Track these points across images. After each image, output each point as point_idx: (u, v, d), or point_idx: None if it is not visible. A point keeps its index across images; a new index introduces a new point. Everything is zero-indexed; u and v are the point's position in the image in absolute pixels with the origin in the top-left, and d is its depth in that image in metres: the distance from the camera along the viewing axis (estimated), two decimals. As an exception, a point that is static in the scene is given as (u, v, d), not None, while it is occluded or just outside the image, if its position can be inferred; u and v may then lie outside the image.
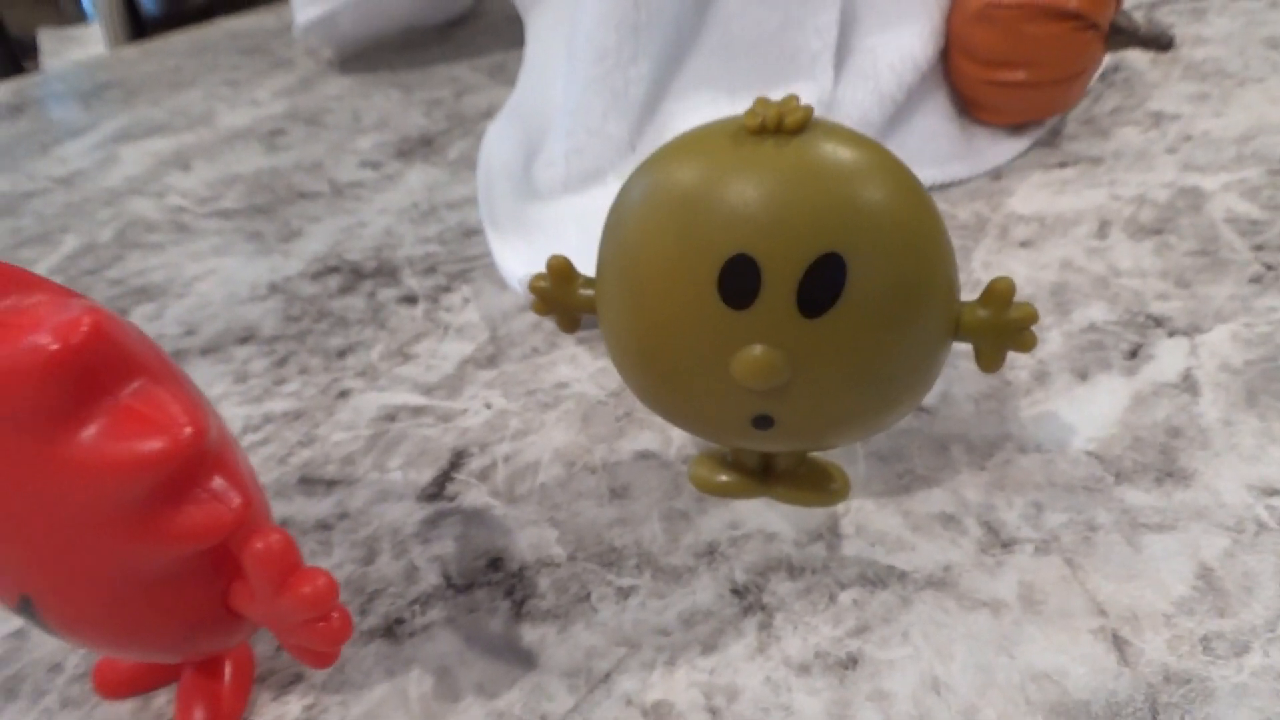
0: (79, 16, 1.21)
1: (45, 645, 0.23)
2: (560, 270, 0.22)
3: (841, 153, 0.19)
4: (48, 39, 1.14)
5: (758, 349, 0.18)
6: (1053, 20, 0.35)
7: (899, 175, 0.19)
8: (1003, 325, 0.20)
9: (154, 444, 0.14)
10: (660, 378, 0.20)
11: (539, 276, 0.23)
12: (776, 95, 0.38)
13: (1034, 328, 0.25)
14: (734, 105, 0.38)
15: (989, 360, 0.21)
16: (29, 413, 0.14)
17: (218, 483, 0.16)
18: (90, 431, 0.14)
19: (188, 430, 0.15)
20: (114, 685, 0.21)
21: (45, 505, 0.15)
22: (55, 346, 0.14)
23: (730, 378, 0.19)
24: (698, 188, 0.19)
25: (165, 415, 0.15)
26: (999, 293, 0.20)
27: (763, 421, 0.20)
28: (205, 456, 0.16)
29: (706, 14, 0.39)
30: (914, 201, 0.19)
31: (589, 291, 0.23)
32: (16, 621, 0.23)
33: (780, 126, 0.18)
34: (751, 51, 0.39)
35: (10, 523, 0.15)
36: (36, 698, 0.21)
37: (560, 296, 0.23)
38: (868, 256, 0.18)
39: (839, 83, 0.38)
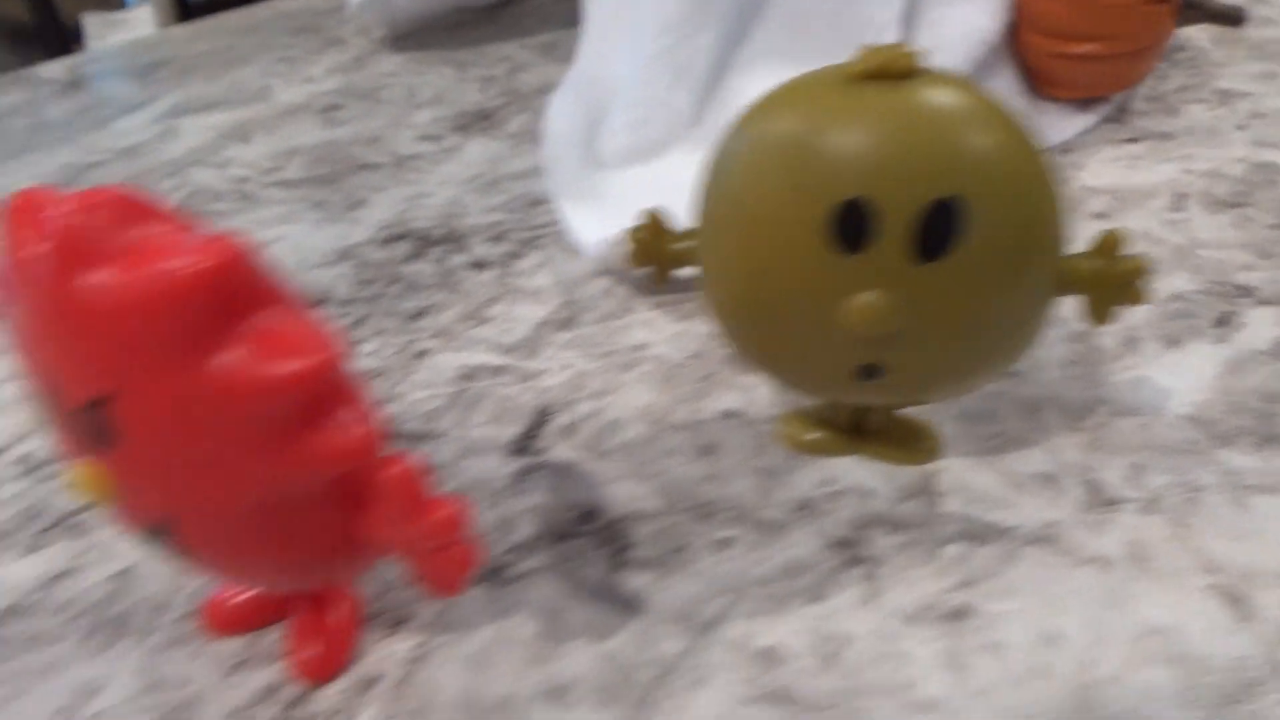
0: (119, 3, 1.22)
1: (151, 585, 0.23)
2: (655, 223, 0.23)
3: (953, 97, 0.19)
4: (92, 24, 1.14)
5: (868, 294, 0.18)
6: (1126, -8, 0.35)
7: (1013, 121, 0.19)
8: (1114, 276, 0.20)
9: (294, 365, 0.14)
10: (764, 327, 0.20)
11: (640, 228, 0.23)
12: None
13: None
14: (801, 78, 0.38)
15: (1100, 312, 0.21)
16: (172, 334, 0.14)
17: (352, 408, 0.16)
18: (230, 354, 0.14)
19: (326, 352, 0.15)
20: (223, 622, 0.21)
21: (187, 428, 0.15)
22: (198, 268, 0.14)
23: (837, 326, 0.19)
24: (808, 133, 0.19)
25: (302, 338, 0.15)
26: (1111, 243, 0.20)
27: (868, 371, 0.20)
28: (340, 382, 0.16)
29: (773, -15, 0.39)
30: (1030, 147, 0.19)
31: (689, 243, 0.23)
32: (121, 560, 0.24)
33: (888, 71, 0.18)
34: (817, 23, 0.39)
35: (154, 446, 0.15)
36: (144, 636, 0.22)
37: (658, 249, 0.23)
38: (986, 201, 0.18)
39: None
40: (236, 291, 0.15)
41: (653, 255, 0.23)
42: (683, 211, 0.23)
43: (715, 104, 0.39)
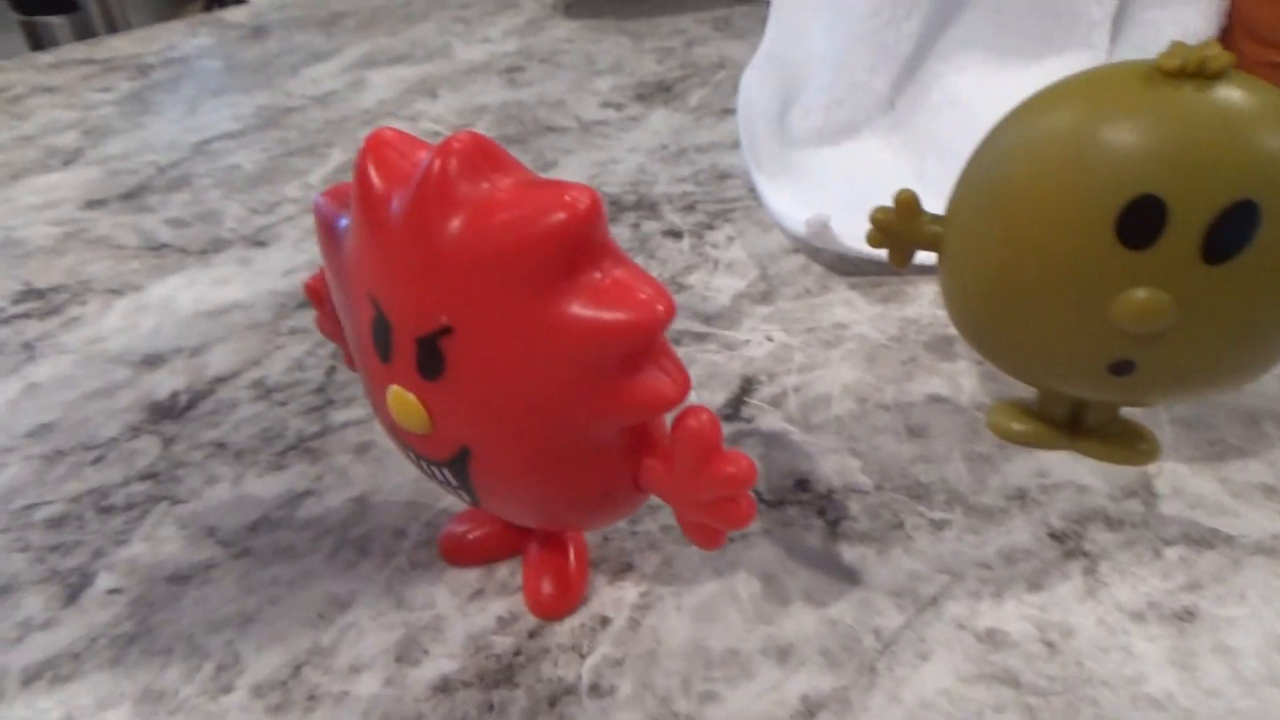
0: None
1: (387, 511, 0.24)
2: (908, 205, 0.23)
3: (1258, 100, 0.19)
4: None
5: (1145, 291, 0.18)
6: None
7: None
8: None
9: (632, 315, 0.15)
10: (1019, 316, 0.21)
11: (881, 209, 0.23)
12: (1050, 62, 0.37)
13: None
14: (1003, 68, 0.38)
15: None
16: (523, 279, 0.15)
17: (667, 362, 0.17)
18: (577, 298, 0.15)
19: (661, 306, 0.16)
20: (459, 553, 0.23)
21: (517, 365, 0.16)
22: (556, 220, 0.15)
23: (1103, 319, 0.19)
24: (1105, 125, 0.19)
25: (642, 291, 0.16)
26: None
27: (1122, 367, 0.20)
28: (660, 337, 0.17)
29: (984, -27, 0.39)
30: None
31: (936, 228, 0.23)
32: (358, 486, 0.25)
33: (1201, 70, 0.18)
34: (1026, 15, 0.38)
35: (479, 379, 0.17)
36: (386, 558, 0.23)
37: (904, 229, 0.23)
38: (1281, 208, 0.18)
39: (1114, 53, 0.37)
40: (590, 240, 0.16)
41: (895, 236, 0.23)
42: (874, 195, 0.24)
43: (911, 90, 0.39)
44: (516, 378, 0.16)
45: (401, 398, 0.17)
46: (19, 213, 0.40)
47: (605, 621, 0.21)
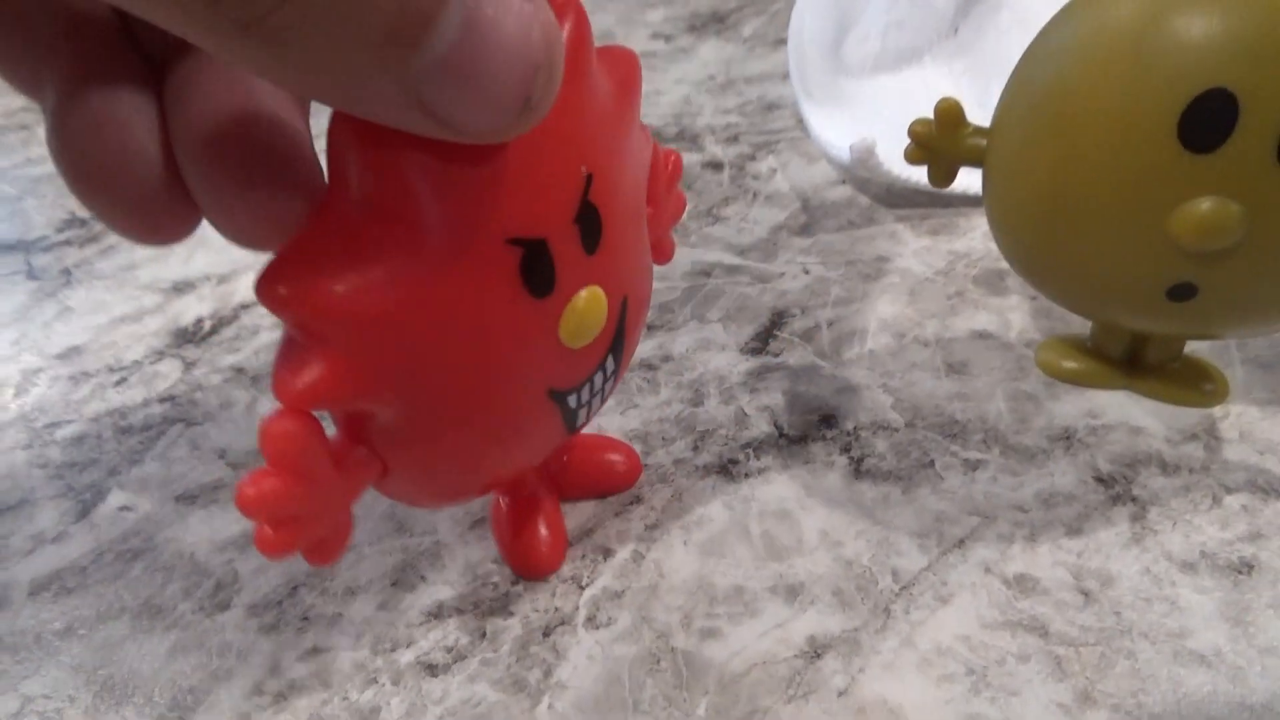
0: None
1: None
2: (950, 114, 0.21)
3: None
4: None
5: (1209, 201, 0.16)
6: None
7: None
8: None
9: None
10: (1068, 233, 0.19)
11: (921, 121, 0.22)
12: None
13: None
14: (1079, -13, 0.35)
15: None
16: (626, 91, 0.16)
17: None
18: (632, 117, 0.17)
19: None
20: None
21: (631, 178, 0.17)
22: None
23: (1162, 235, 0.17)
24: (1167, 13, 0.17)
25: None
26: None
27: (1182, 291, 0.18)
28: None
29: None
30: None
31: (979, 140, 0.21)
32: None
33: None
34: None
35: (622, 209, 0.17)
36: (391, 482, 0.23)
37: (945, 144, 0.21)
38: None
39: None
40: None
41: (936, 151, 0.21)
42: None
43: (977, 13, 0.36)
44: (632, 200, 0.17)
45: (594, 298, 0.16)
46: (71, 146, 0.41)
47: (608, 553, 0.20)
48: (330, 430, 0.15)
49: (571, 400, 0.17)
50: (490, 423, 0.16)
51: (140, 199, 0.13)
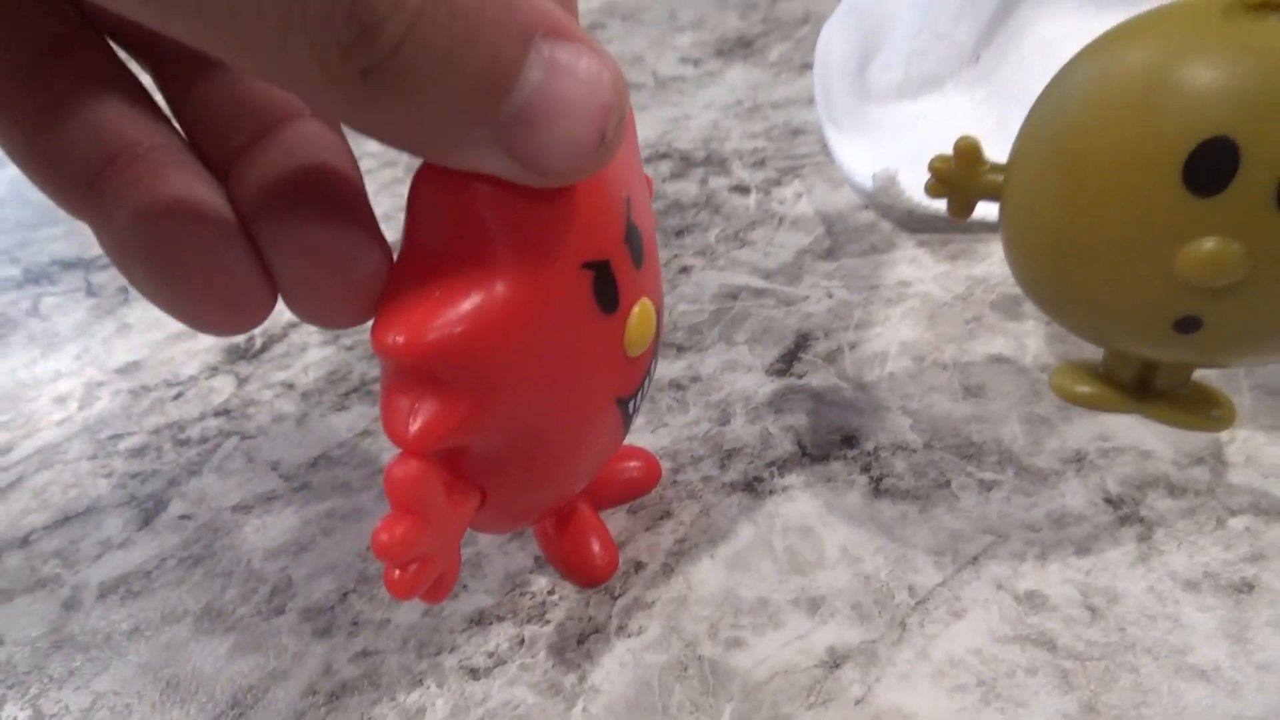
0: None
1: (440, 452, 0.25)
2: (969, 152, 0.22)
3: (1351, 38, 0.17)
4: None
5: (1212, 241, 0.17)
6: None
7: None
8: None
9: None
10: (1079, 267, 0.20)
11: (940, 157, 0.23)
12: (1155, 5, 0.35)
13: None
14: (1099, 15, 0.36)
15: None
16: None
17: None
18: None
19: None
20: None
21: (643, 190, 0.18)
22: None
23: (1168, 271, 0.18)
24: (1174, 62, 0.18)
25: None
26: None
27: (1188, 324, 0.19)
28: None
29: (1079, -84, 0.37)
30: None
31: (996, 176, 0.22)
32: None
33: None
34: (1126, -41, 0.36)
35: (647, 218, 0.18)
36: (435, 495, 0.24)
37: (963, 179, 0.22)
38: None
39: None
40: None
41: (955, 186, 0.22)
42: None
43: (998, 42, 0.37)
44: (648, 211, 0.18)
45: (646, 307, 0.18)
46: (124, 166, 0.43)
47: (639, 566, 0.22)
48: None
49: (630, 406, 0.19)
50: (575, 437, 0.18)
51: (228, 293, 0.14)
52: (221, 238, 0.14)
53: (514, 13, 0.12)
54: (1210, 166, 0.17)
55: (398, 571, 0.15)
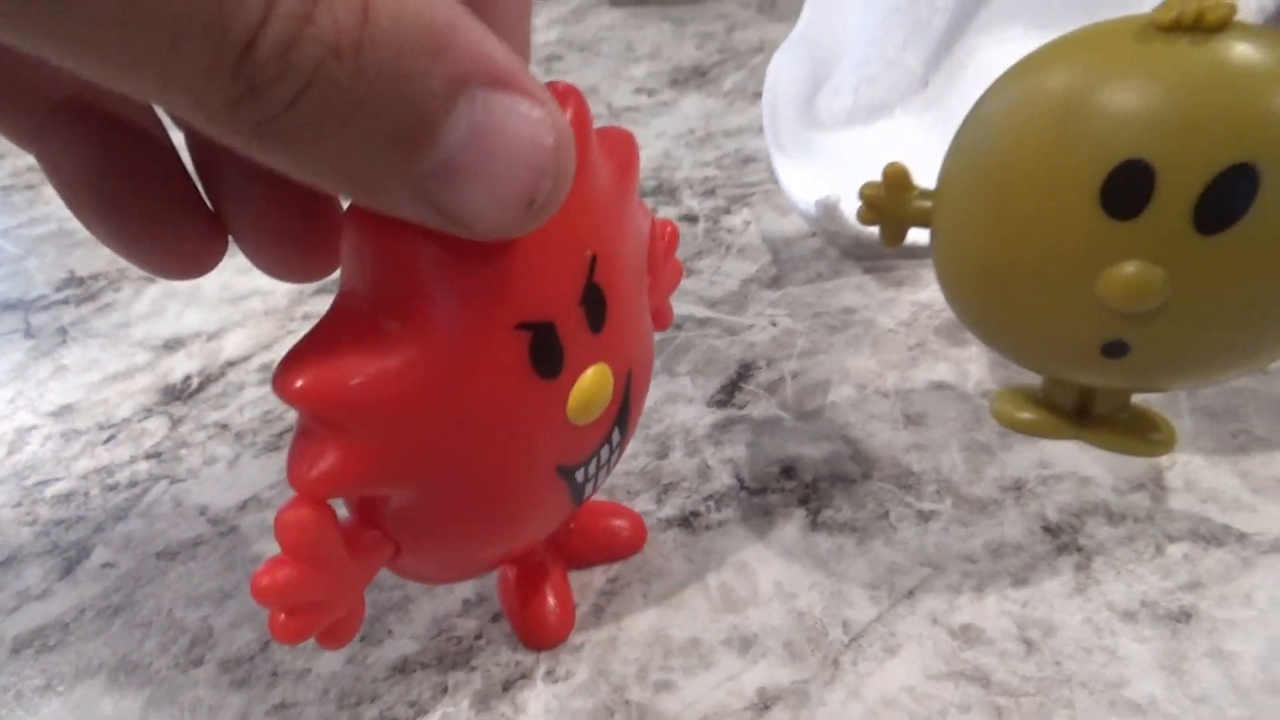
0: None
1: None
2: (897, 178, 0.22)
3: (1263, 54, 0.17)
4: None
5: (1133, 265, 0.17)
6: None
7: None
8: None
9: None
10: (1007, 293, 0.19)
11: (871, 184, 0.22)
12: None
13: None
14: (1043, 39, 0.36)
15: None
16: (623, 174, 0.17)
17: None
18: (631, 201, 0.17)
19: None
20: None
21: (632, 258, 0.18)
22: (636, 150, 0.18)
23: (1092, 297, 0.18)
24: (1089, 85, 0.18)
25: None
26: None
27: (1115, 349, 0.19)
28: None
29: (1022, -58, 0.37)
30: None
31: (925, 203, 0.22)
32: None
33: (1199, 23, 0.17)
34: (1068, -16, 0.36)
35: (625, 286, 0.17)
36: (364, 537, 0.23)
37: (893, 206, 0.22)
38: (1284, 172, 0.16)
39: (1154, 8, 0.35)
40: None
41: (886, 213, 0.22)
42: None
43: (946, 67, 0.37)
44: (633, 277, 0.17)
45: (599, 375, 0.17)
46: (72, 205, 0.42)
47: (570, 607, 0.21)
48: (343, 514, 0.15)
49: (579, 475, 0.18)
50: (501, 502, 0.17)
51: (179, 239, 0.14)
52: (171, 183, 0.14)
53: (442, 63, 0.11)
54: (1126, 189, 0.17)
55: (283, 615, 0.14)
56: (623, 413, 0.18)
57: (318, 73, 0.10)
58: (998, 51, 0.36)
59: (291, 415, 0.28)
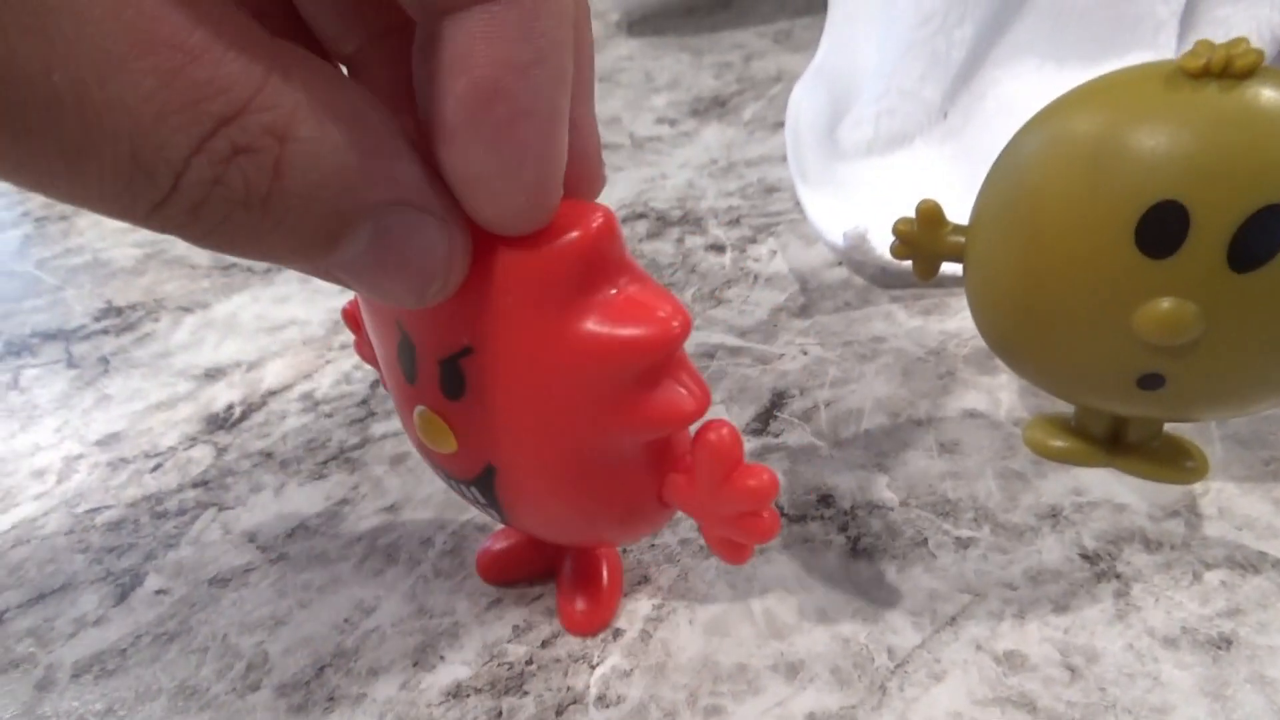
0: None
1: (416, 521, 0.25)
2: (930, 215, 0.22)
3: (1290, 98, 0.18)
4: None
5: (1168, 301, 0.18)
6: None
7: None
8: None
9: (648, 330, 0.15)
10: (1043, 327, 0.20)
11: (904, 220, 0.23)
12: (1112, 66, 0.36)
13: None
14: (1060, 73, 0.37)
15: None
16: (548, 291, 0.15)
17: (686, 376, 0.17)
18: (593, 315, 0.15)
19: (677, 322, 0.16)
20: (494, 571, 0.23)
21: (542, 379, 0.16)
22: (578, 234, 0.15)
23: (1127, 331, 0.18)
24: (1124, 128, 0.18)
25: (657, 307, 0.16)
26: None
27: (1151, 381, 0.19)
28: (678, 351, 0.17)
29: (1039, -23, 0.38)
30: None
31: (958, 238, 0.22)
32: (391, 496, 0.26)
33: (1227, 70, 0.18)
34: (1085, 18, 0.37)
35: (499, 397, 0.17)
36: (412, 566, 0.24)
37: (926, 241, 0.23)
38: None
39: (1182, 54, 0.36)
40: (599, 260, 0.16)
41: (919, 248, 0.23)
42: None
43: (965, 99, 0.38)
44: (535, 395, 0.16)
45: (428, 418, 0.18)
46: (107, 235, 0.43)
47: (618, 633, 0.21)
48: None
49: (456, 486, 0.20)
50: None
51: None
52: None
53: (350, 194, 0.13)
54: (1161, 229, 0.17)
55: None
56: (486, 487, 0.19)
57: (227, 218, 0.12)
58: (1015, 84, 0.37)
59: (335, 443, 0.28)
